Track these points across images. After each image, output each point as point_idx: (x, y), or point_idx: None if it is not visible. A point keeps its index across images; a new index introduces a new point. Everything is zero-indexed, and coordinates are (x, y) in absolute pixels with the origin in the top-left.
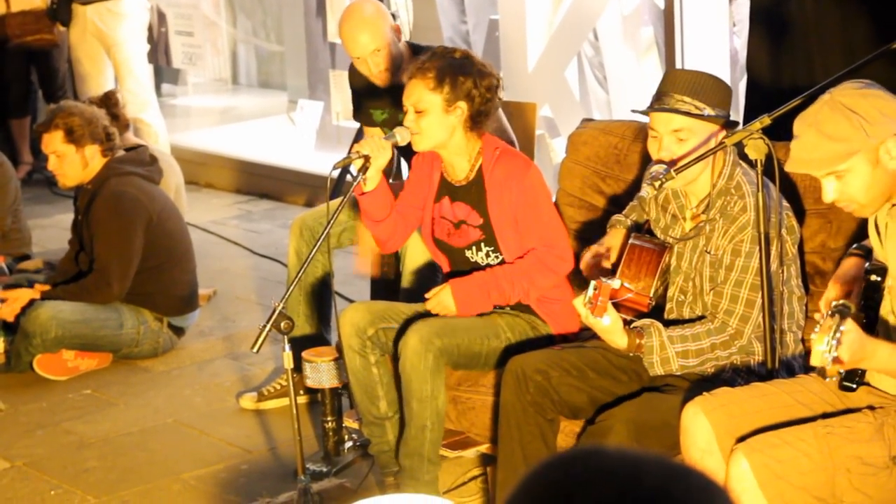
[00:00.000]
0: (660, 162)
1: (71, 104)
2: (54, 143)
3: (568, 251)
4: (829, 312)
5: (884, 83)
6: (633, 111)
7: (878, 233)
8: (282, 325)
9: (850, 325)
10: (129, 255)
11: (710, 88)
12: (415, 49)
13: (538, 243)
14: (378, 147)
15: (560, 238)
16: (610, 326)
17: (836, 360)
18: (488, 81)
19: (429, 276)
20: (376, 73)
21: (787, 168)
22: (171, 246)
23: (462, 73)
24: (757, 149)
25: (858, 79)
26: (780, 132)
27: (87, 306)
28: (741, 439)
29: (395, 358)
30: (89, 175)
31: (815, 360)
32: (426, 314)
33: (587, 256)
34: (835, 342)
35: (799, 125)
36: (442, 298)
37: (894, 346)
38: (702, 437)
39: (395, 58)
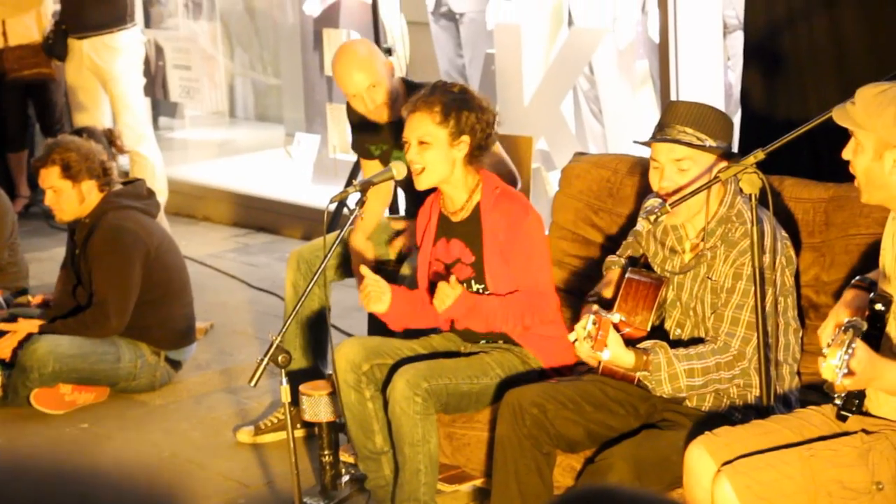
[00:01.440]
0: (655, 195)
1: (68, 139)
2: (51, 178)
3: (555, 299)
4: (843, 328)
5: None
6: (636, 142)
7: (892, 250)
8: (279, 358)
9: (860, 343)
10: (128, 289)
11: (711, 120)
12: (408, 85)
13: (528, 287)
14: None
15: (548, 286)
16: (612, 357)
17: (847, 375)
18: (488, 116)
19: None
20: (373, 108)
21: (834, 113)
22: (169, 279)
23: (466, 107)
24: (751, 183)
25: None
26: (775, 166)
27: (85, 340)
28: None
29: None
30: (86, 210)
31: (826, 374)
32: (415, 355)
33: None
34: (847, 357)
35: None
36: (447, 291)
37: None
38: (706, 476)
39: (391, 93)
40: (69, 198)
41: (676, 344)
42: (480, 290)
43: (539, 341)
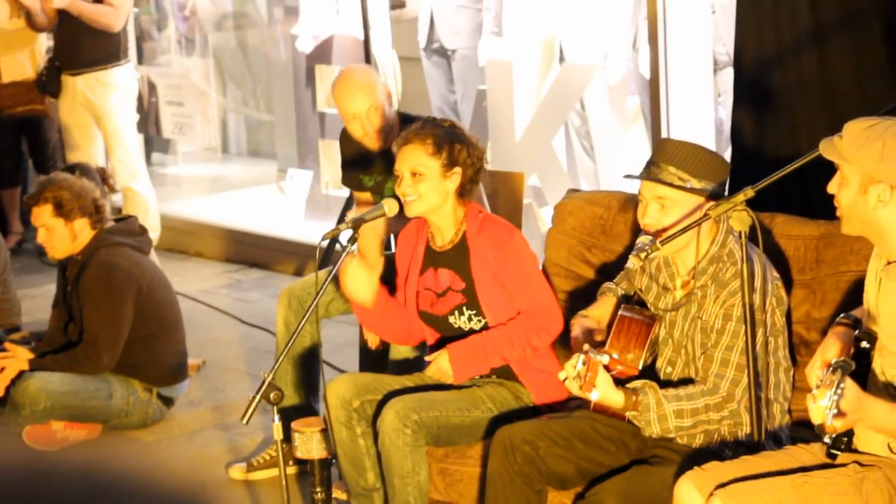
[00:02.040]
0: (647, 233)
1: (61, 177)
2: (43, 216)
3: (558, 311)
4: (831, 369)
5: None
6: (625, 177)
7: (875, 287)
8: (271, 396)
9: (849, 382)
10: (119, 326)
11: (699, 160)
12: (404, 118)
13: (529, 306)
14: (367, 229)
15: (549, 299)
16: (601, 397)
17: (838, 416)
18: (478, 152)
19: (417, 347)
20: (370, 132)
21: (822, 146)
22: (161, 316)
23: (458, 140)
24: (741, 221)
25: None
26: (766, 202)
27: (77, 377)
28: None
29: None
30: (78, 247)
31: (816, 417)
32: (405, 389)
33: (576, 330)
34: (836, 398)
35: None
36: (440, 364)
37: (892, 405)
38: None
39: (388, 120)
40: (61, 236)
41: (667, 382)
42: (472, 316)
43: (532, 374)
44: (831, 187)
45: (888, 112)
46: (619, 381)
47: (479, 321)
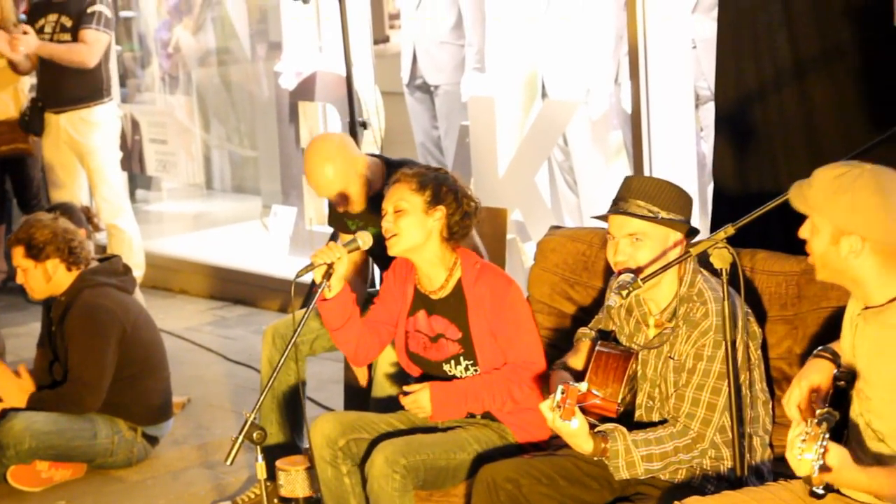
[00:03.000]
0: (626, 271)
1: (37, 218)
2: (17, 257)
3: (543, 366)
4: (816, 421)
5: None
6: (593, 217)
7: (851, 331)
8: (254, 435)
9: (834, 447)
10: (103, 367)
11: (665, 194)
12: (387, 163)
13: (517, 359)
14: (335, 253)
15: (538, 355)
16: (577, 430)
17: (823, 469)
18: (468, 200)
19: (401, 384)
20: (352, 202)
21: (791, 194)
22: (146, 356)
23: (446, 184)
24: (721, 258)
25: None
26: (747, 239)
27: (61, 417)
28: None
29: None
30: (58, 288)
31: (802, 471)
32: (393, 432)
33: (556, 381)
34: (822, 451)
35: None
36: (420, 399)
37: (873, 473)
38: None
39: (364, 187)
40: (34, 276)
41: (648, 421)
42: (469, 366)
43: (515, 414)
44: (803, 233)
45: (859, 154)
46: (600, 417)
47: (476, 370)
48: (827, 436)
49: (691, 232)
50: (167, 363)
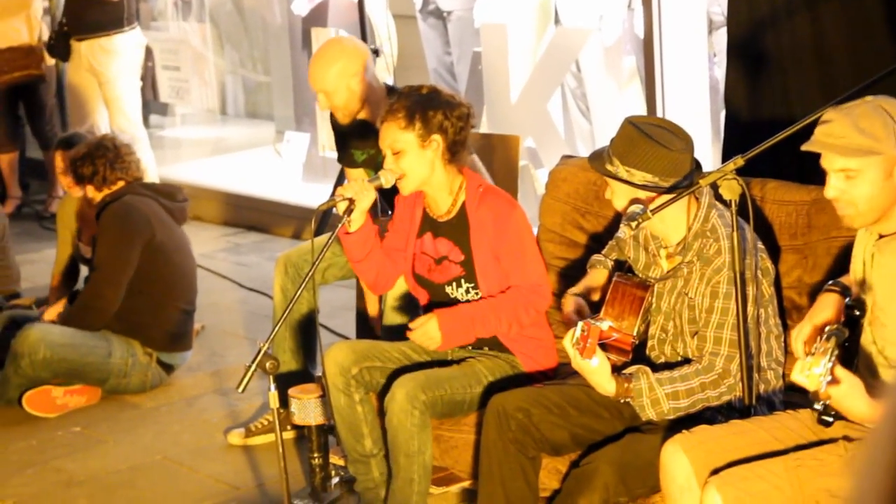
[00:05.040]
0: (637, 201)
1: (106, 142)
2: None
3: (548, 290)
4: (825, 336)
5: None
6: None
7: (863, 261)
8: (267, 365)
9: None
10: (125, 262)
11: (642, 154)
12: (390, 91)
13: (521, 282)
14: (362, 190)
15: (542, 277)
16: (598, 368)
17: (832, 383)
18: (459, 111)
19: (410, 312)
20: (338, 107)
21: (806, 147)
22: (172, 280)
23: (431, 107)
24: (731, 189)
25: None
26: (758, 168)
27: (77, 332)
28: (715, 472)
29: (382, 393)
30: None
31: (811, 384)
32: (411, 366)
33: (568, 306)
34: (830, 364)
35: (833, 113)
36: (428, 329)
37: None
38: (681, 474)
39: (361, 100)
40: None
41: (662, 349)
42: (470, 289)
43: (522, 343)
44: (831, 192)
45: (869, 85)
46: (616, 350)
47: (476, 294)
48: (836, 351)
49: (697, 166)
50: (194, 298)
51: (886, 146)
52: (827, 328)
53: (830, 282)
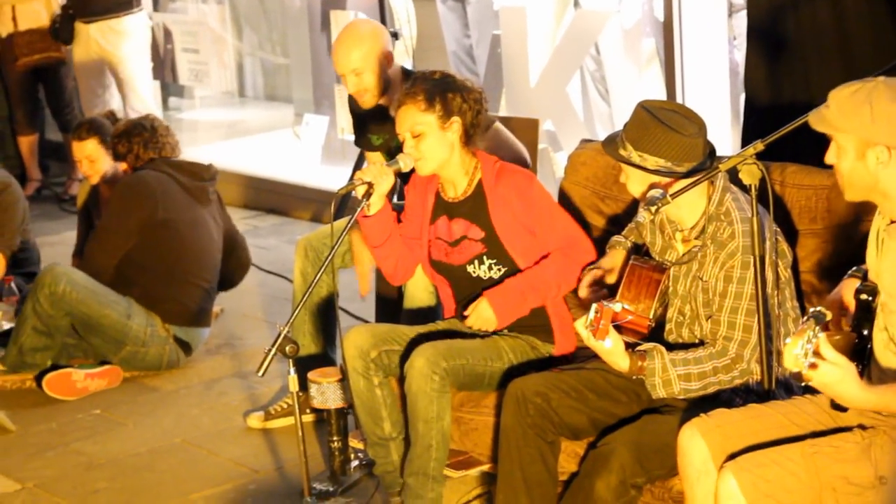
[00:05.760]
0: (655, 186)
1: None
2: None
3: (588, 241)
4: (805, 318)
5: None
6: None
7: (876, 246)
8: (287, 349)
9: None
10: (114, 228)
11: (655, 139)
12: (406, 74)
13: (561, 243)
14: (381, 174)
15: (577, 231)
16: (612, 349)
17: (813, 367)
18: (474, 95)
19: (429, 298)
20: (354, 93)
21: (811, 118)
22: (188, 257)
23: (449, 90)
24: (751, 174)
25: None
26: (778, 152)
27: (100, 284)
28: (731, 457)
29: (402, 379)
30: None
31: (788, 363)
32: (430, 335)
33: (585, 282)
34: (809, 346)
35: (849, 86)
36: (481, 311)
37: (881, 390)
38: (698, 457)
39: (385, 80)
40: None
41: (679, 332)
42: (493, 265)
43: (557, 320)
44: (829, 158)
45: (891, 69)
46: (632, 333)
47: (500, 270)
48: (816, 332)
49: (711, 150)
50: (214, 276)
51: (851, 125)
52: (810, 310)
53: (854, 268)
